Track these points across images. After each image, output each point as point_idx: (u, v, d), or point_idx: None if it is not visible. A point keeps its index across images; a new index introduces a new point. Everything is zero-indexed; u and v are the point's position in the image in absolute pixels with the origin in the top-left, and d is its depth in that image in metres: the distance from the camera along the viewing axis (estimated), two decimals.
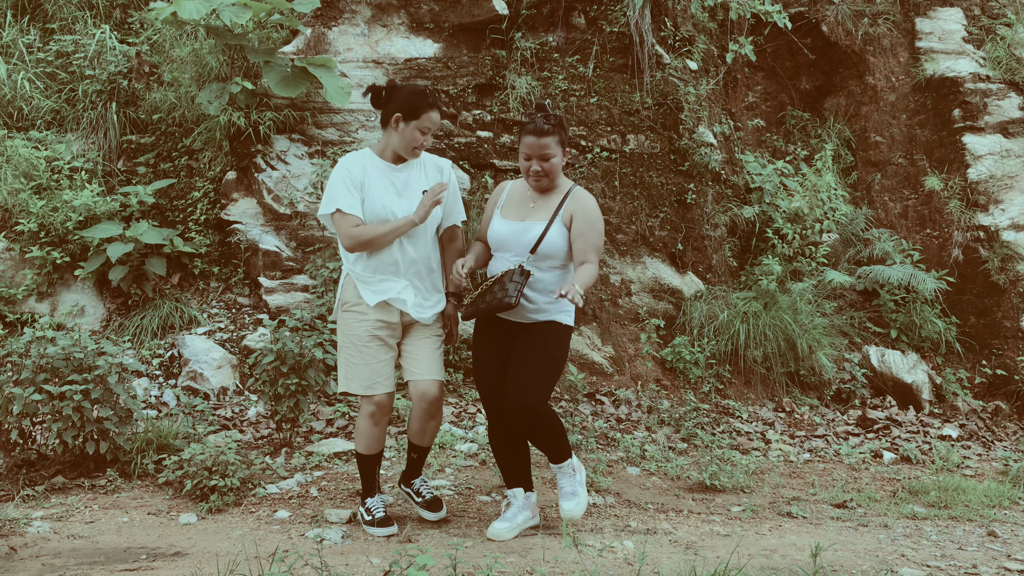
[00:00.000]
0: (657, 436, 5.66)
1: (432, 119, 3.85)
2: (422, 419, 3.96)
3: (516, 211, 3.91)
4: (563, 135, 3.82)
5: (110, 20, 6.90)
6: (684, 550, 3.83)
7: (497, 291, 3.75)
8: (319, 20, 6.48)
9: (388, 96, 3.89)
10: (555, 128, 3.77)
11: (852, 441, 5.97)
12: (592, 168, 6.57)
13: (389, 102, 3.87)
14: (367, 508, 3.99)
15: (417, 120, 3.82)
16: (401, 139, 3.85)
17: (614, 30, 6.69)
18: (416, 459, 4.14)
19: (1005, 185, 7.12)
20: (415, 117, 3.82)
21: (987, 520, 4.58)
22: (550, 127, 3.76)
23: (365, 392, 3.86)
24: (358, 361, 3.85)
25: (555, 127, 3.77)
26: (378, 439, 3.96)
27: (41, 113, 6.43)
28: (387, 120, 3.88)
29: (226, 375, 5.55)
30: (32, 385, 4.25)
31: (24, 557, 3.55)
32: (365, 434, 3.93)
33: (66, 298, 5.83)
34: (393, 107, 3.84)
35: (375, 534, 3.90)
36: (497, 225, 3.91)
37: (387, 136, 3.90)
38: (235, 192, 6.19)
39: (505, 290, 3.72)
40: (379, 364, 3.85)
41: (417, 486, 4.16)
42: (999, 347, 6.88)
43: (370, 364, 3.84)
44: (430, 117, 3.84)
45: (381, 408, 3.89)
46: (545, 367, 3.80)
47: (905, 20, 7.75)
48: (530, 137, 3.77)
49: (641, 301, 6.51)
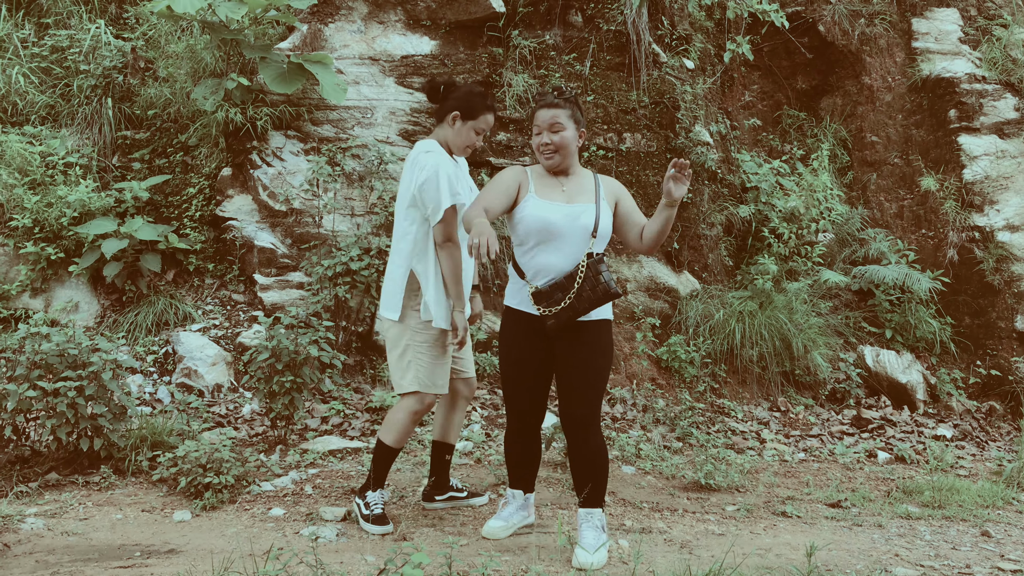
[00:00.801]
0: (652, 435, 5.66)
1: (488, 121, 3.88)
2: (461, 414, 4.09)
3: (556, 194, 3.59)
4: (576, 112, 3.59)
5: (105, 15, 6.87)
6: (679, 549, 3.83)
7: (587, 286, 3.45)
8: (315, 16, 6.46)
9: (446, 93, 3.90)
10: (567, 102, 3.57)
11: (847, 441, 5.98)
12: (588, 166, 6.56)
13: (447, 99, 3.88)
14: (367, 502, 3.93)
15: (474, 121, 3.85)
16: (456, 137, 3.87)
17: (611, 28, 6.69)
18: (449, 460, 4.20)
19: (1000, 186, 7.13)
20: (472, 117, 3.84)
21: (981, 520, 4.59)
22: (562, 100, 3.57)
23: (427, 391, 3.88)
24: (427, 362, 3.85)
25: (567, 101, 3.58)
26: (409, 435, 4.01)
27: (36, 108, 6.41)
28: (443, 116, 3.89)
29: (221, 372, 5.54)
30: (26, 381, 4.23)
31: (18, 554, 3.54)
32: (404, 429, 3.91)
33: (60, 294, 5.81)
34: (451, 104, 3.85)
35: (370, 531, 3.87)
36: (543, 209, 3.52)
37: (443, 131, 3.92)
38: (230, 188, 6.17)
39: (601, 281, 3.45)
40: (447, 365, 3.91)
41: (454, 483, 4.26)
42: (993, 347, 6.89)
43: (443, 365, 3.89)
44: (486, 119, 3.87)
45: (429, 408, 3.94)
46: (602, 372, 3.58)
47: (901, 20, 7.76)
48: (542, 110, 3.58)
49: (637, 300, 6.52)
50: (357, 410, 5.47)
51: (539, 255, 3.53)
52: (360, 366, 5.83)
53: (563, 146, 3.55)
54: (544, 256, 3.53)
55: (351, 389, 5.66)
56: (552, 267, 3.51)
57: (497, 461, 4.95)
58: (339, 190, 6.09)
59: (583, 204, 3.56)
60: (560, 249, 3.51)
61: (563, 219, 3.50)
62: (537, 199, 3.55)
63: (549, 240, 3.51)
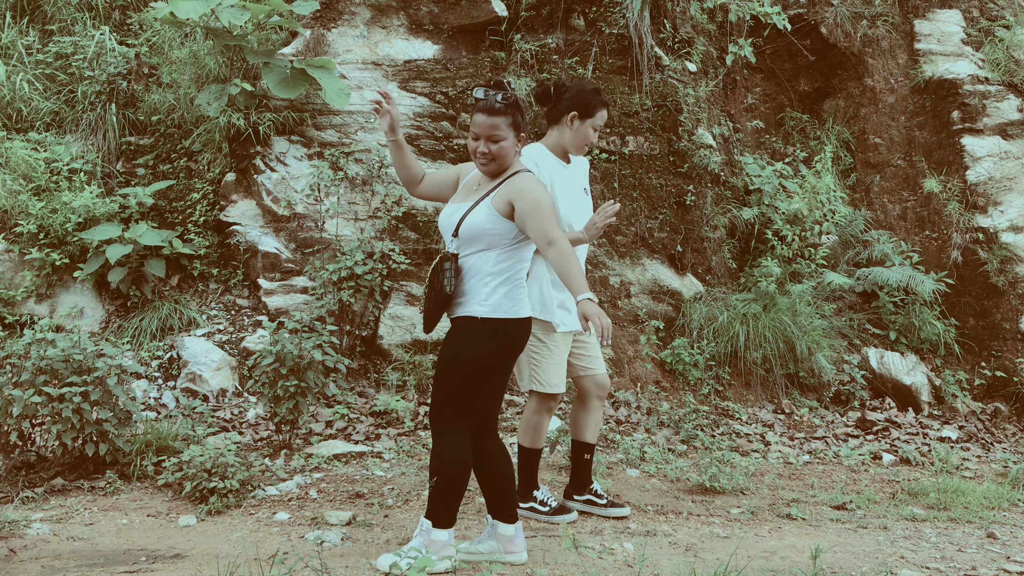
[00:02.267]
0: (656, 438, 5.66)
1: (604, 116, 3.95)
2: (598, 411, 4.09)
3: (463, 196, 3.54)
4: (517, 117, 3.38)
5: (109, 21, 6.89)
6: (684, 552, 3.83)
7: (432, 284, 3.39)
8: (318, 22, 6.48)
9: (558, 94, 3.95)
10: (508, 108, 3.34)
11: (851, 443, 5.97)
12: (591, 170, 6.57)
13: (560, 100, 3.93)
14: (541, 500, 4.04)
15: (592, 118, 3.90)
16: (575, 137, 3.92)
17: (613, 32, 6.70)
18: (588, 460, 4.18)
19: (1004, 187, 7.12)
20: (590, 115, 3.90)
21: (986, 522, 4.58)
22: (503, 106, 3.33)
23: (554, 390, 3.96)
24: (539, 361, 3.93)
25: (509, 107, 3.34)
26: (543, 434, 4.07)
27: (40, 115, 6.43)
28: (558, 118, 3.93)
29: (225, 377, 5.55)
30: (31, 387, 4.24)
31: (24, 559, 3.55)
32: (535, 429, 3.99)
33: (65, 300, 5.82)
34: (566, 105, 3.91)
35: (558, 521, 3.97)
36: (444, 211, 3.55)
37: (558, 133, 3.95)
38: (234, 194, 6.19)
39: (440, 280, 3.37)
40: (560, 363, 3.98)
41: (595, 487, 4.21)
42: (998, 349, 6.88)
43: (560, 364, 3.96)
44: (602, 115, 3.94)
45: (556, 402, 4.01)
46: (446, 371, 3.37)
47: (904, 22, 7.76)
48: (480, 115, 3.33)
49: (640, 303, 6.52)
50: (362, 414, 5.48)
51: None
52: (364, 370, 5.84)
53: (500, 156, 3.37)
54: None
55: (355, 393, 5.67)
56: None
57: None
58: (342, 195, 6.11)
59: (464, 204, 3.45)
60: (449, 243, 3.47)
61: (444, 219, 3.49)
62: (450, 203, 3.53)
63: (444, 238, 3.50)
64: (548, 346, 3.94)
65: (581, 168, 4.12)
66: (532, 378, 3.95)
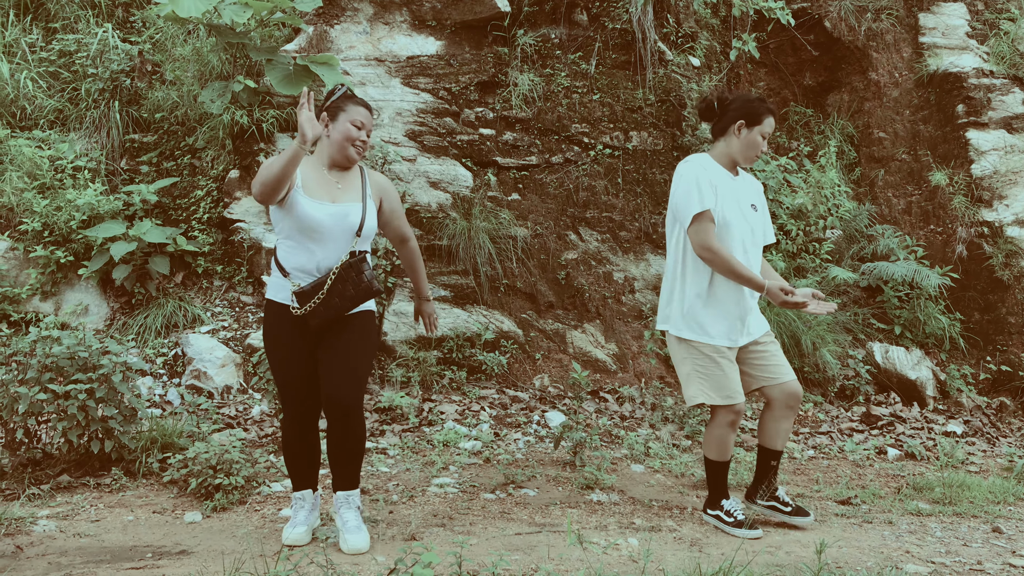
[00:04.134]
0: (661, 433, 5.66)
1: (771, 124, 3.97)
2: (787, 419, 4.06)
3: (324, 192, 3.54)
4: None
5: (112, 19, 6.90)
6: (689, 547, 3.83)
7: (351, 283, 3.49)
8: (321, 18, 6.47)
9: (722, 106, 4.00)
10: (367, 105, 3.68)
11: (856, 438, 5.96)
12: (595, 165, 6.56)
13: (725, 111, 3.98)
14: (727, 511, 4.04)
15: (760, 125, 3.93)
16: (743, 145, 3.95)
17: (616, 27, 6.69)
18: (774, 466, 4.15)
19: (1009, 181, 7.10)
20: (757, 122, 3.93)
21: (992, 516, 4.57)
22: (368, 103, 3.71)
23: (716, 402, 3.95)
24: (708, 372, 3.93)
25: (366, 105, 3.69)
26: (732, 444, 4.06)
27: (44, 112, 6.44)
28: (724, 129, 3.97)
29: (230, 374, 5.56)
30: (37, 384, 4.25)
31: (30, 556, 3.56)
32: (719, 442, 4.00)
33: (70, 297, 5.83)
34: (733, 115, 3.95)
35: (741, 536, 3.95)
36: (312, 208, 3.47)
37: (725, 144, 3.99)
38: (238, 191, 6.19)
39: (364, 280, 3.51)
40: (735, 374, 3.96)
41: (780, 494, 4.16)
42: (1003, 343, 6.87)
43: (729, 375, 3.93)
44: (770, 122, 3.96)
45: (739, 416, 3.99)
46: (366, 362, 3.62)
47: (908, 15, 7.73)
48: (362, 108, 3.58)
49: (644, 298, 6.51)
50: (366, 411, 5.48)
51: (303, 253, 3.51)
52: None
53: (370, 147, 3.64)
54: (308, 254, 3.51)
55: None
56: (316, 266, 3.51)
57: (506, 460, 4.95)
58: None
59: (350, 203, 3.55)
60: (325, 247, 3.50)
61: (330, 219, 3.49)
62: (304, 196, 3.48)
63: (313, 237, 3.49)
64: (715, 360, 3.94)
65: (751, 185, 4.10)
66: (703, 392, 3.96)
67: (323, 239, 3.49)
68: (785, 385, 4.04)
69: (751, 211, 4.00)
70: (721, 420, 3.99)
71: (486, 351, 6.00)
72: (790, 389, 4.04)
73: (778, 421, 4.09)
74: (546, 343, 6.29)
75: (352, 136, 3.54)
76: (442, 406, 5.62)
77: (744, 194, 4.01)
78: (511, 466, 4.87)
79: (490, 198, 6.33)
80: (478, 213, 6.17)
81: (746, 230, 3.96)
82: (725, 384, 3.94)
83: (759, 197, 4.11)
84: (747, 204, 4.00)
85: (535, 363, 6.22)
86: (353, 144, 3.55)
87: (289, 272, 3.52)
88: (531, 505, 4.35)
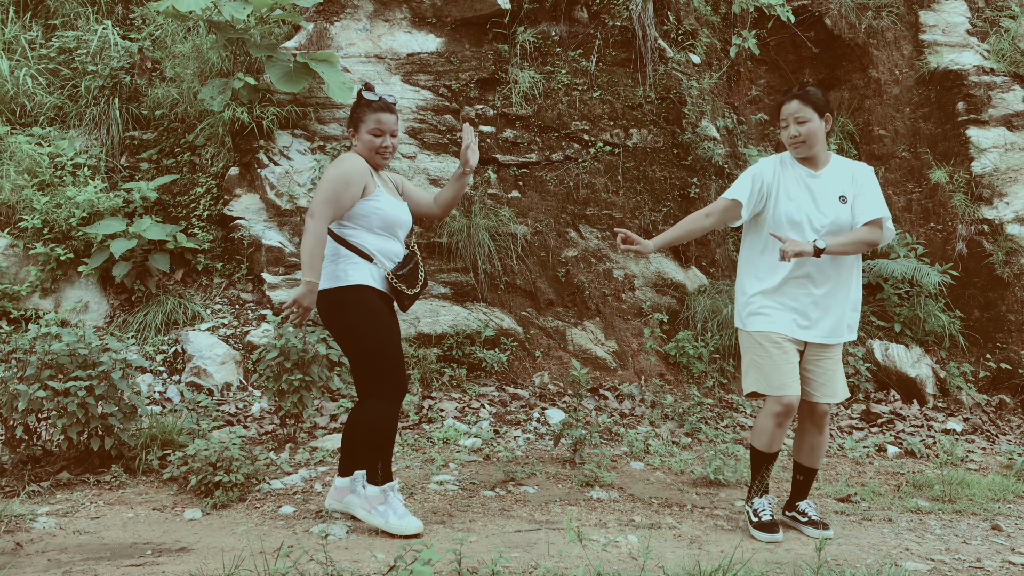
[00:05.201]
0: (661, 431, 5.66)
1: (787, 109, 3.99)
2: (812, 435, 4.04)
3: (389, 190, 3.90)
4: None
5: (112, 16, 6.89)
6: (688, 544, 3.83)
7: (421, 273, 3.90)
8: (321, 15, 6.47)
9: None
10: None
11: (856, 435, 5.96)
12: (595, 162, 6.56)
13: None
14: (755, 509, 4.01)
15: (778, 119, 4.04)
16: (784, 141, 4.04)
17: (617, 24, 6.68)
18: (802, 481, 4.13)
19: (1009, 178, 7.10)
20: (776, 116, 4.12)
21: (991, 514, 4.57)
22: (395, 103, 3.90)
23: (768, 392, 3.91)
24: (763, 363, 3.91)
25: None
26: (780, 439, 3.99)
27: (44, 110, 6.44)
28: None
29: (230, 371, 5.56)
30: (37, 381, 4.26)
31: (30, 553, 3.56)
32: (768, 433, 3.95)
33: (70, 294, 5.83)
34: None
35: (758, 538, 3.92)
36: (394, 207, 3.81)
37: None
38: (238, 188, 6.19)
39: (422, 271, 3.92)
40: (789, 366, 3.88)
41: (802, 507, 4.11)
42: (1003, 341, 6.87)
43: (779, 366, 3.88)
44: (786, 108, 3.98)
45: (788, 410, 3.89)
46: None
47: (908, 13, 7.72)
48: (386, 114, 3.77)
49: (644, 296, 6.51)
50: None
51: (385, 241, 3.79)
52: None
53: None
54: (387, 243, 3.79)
55: None
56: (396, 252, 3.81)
57: (506, 458, 4.95)
58: None
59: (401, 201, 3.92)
60: (397, 238, 3.84)
61: (404, 214, 3.87)
62: (387, 195, 3.81)
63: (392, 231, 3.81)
64: (767, 349, 3.92)
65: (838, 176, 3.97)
66: (756, 380, 3.97)
67: (397, 231, 3.82)
68: (816, 405, 4.00)
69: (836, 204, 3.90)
70: (768, 410, 3.93)
71: (486, 348, 6.00)
72: (818, 409, 4.00)
73: (802, 435, 4.09)
74: (546, 340, 6.29)
75: (375, 146, 3.78)
76: (442, 403, 5.62)
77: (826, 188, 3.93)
78: (511, 463, 4.87)
79: (490, 195, 6.33)
80: (478, 210, 6.17)
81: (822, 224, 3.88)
82: (774, 374, 3.88)
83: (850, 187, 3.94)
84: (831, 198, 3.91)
85: (535, 360, 6.22)
86: (378, 152, 3.80)
87: (373, 256, 3.73)
88: (531, 502, 4.35)
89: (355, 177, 3.68)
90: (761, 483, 4.04)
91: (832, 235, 3.88)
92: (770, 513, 3.99)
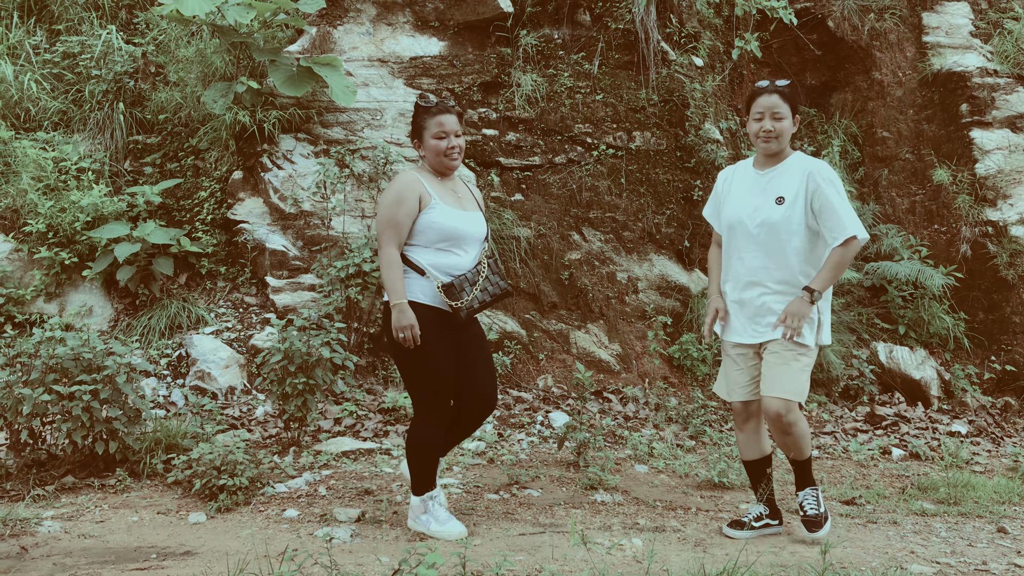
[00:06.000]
0: (665, 434, 5.65)
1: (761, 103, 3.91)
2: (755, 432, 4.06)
3: (453, 200, 3.81)
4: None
5: (116, 20, 6.91)
6: (693, 547, 3.83)
7: (490, 283, 3.81)
8: (324, 19, 6.48)
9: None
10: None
11: (861, 438, 5.95)
12: (598, 165, 6.56)
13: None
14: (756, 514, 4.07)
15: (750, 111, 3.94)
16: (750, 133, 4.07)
17: (619, 27, 6.68)
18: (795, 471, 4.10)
19: (1013, 180, 7.09)
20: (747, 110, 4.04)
21: (997, 516, 4.56)
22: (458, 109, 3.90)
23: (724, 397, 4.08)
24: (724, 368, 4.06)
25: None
26: (745, 446, 4.05)
27: (48, 114, 6.45)
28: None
29: (234, 374, 5.56)
30: (42, 385, 4.26)
31: (35, 556, 3.57)
32: (739, 440, 4.09)
33: (74, 298, 5.84)
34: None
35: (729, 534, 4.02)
36: (451, 218, 3.74)
37: None
38: (241, 192, 6.20)
39: (501, 279, 3.85)
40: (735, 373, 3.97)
41: (800, 499, 4.04)
42: (1008, 343, 6.85)
43: (727, 373, 4.02)
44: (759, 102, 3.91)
45: (737, 414, 4.02)
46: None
47: (911, 15, 7.72)
48: (448, 116, 3.77)
49: (648, 298, 6.51)
50: (370, 411, 5.49)
51: (444, 256, 3.74)
52: (372, 367, 5.85)
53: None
54: (448, 257, 3.74)
55: (364, 390, 5.68)
56: (458, 266, 3.74)
57: (510, 461, 4.95)
58: (349, 192, 6.11)
59: (474, 212, 3.86)
60: (462, 251, 3.76)
61: (465, 225, 3.77)
62: (443, 206, 3.74)
63: (457, 243, 3.75)
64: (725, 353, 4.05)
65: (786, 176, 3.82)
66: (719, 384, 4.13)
67: (461, 244, 3.76)
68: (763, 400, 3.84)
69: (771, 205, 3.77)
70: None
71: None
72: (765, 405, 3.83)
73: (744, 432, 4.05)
74: (549, 343, 6.29)
75: (441, 149, 3.76)
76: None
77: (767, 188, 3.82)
78: (515, 466, 4.87)
79: (493, 198, 6.33)
80: None
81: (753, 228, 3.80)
82: (723, 380, 4.07)
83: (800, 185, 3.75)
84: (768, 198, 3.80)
85: (539, 363, 6.21)
86: (446, 155, 3.78)
87: (426, 271, 3.71)
88: (535, 505, 4.35)
89: (406, 194, 3.70)
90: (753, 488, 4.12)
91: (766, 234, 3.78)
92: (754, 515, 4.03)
